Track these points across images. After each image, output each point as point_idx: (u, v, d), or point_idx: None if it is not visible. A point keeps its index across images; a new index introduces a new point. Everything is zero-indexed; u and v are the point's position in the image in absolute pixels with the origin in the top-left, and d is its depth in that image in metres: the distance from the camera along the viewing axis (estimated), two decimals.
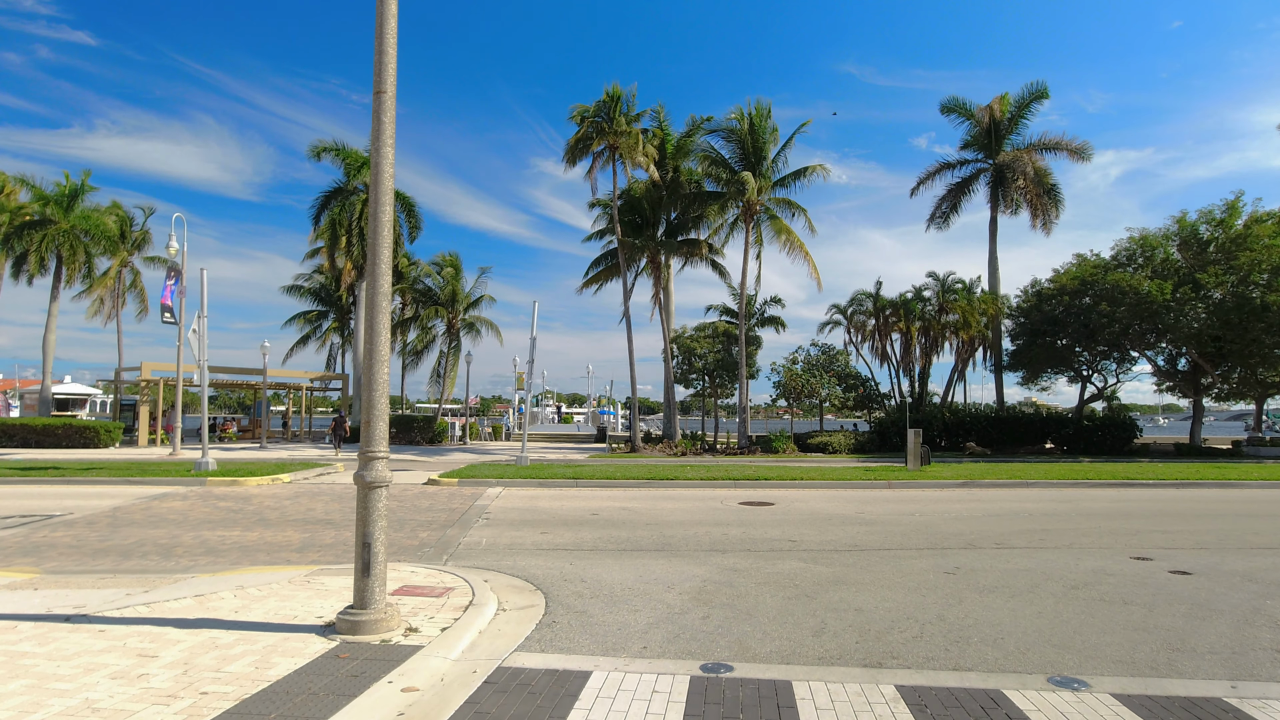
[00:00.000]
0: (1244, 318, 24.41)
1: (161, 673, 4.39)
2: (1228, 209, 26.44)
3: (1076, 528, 10.43)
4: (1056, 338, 29.73)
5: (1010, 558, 8.29)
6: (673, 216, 32.72)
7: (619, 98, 30.43)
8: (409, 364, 44.66)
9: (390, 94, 5.69)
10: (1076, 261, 30.26)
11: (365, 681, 4.33)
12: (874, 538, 9.59)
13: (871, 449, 29.00)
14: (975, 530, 10.18)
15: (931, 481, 15.64)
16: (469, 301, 44.05)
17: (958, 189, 34.42)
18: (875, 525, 10.64)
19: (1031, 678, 4.55)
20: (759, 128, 29.34)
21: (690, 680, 4.50)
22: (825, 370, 31.50)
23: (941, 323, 33.08)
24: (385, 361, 5.62)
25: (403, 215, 36.67)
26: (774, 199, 30.35)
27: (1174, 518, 11.49)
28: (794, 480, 16.12)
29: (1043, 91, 32.16)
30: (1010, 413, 31.12)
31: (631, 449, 29.46)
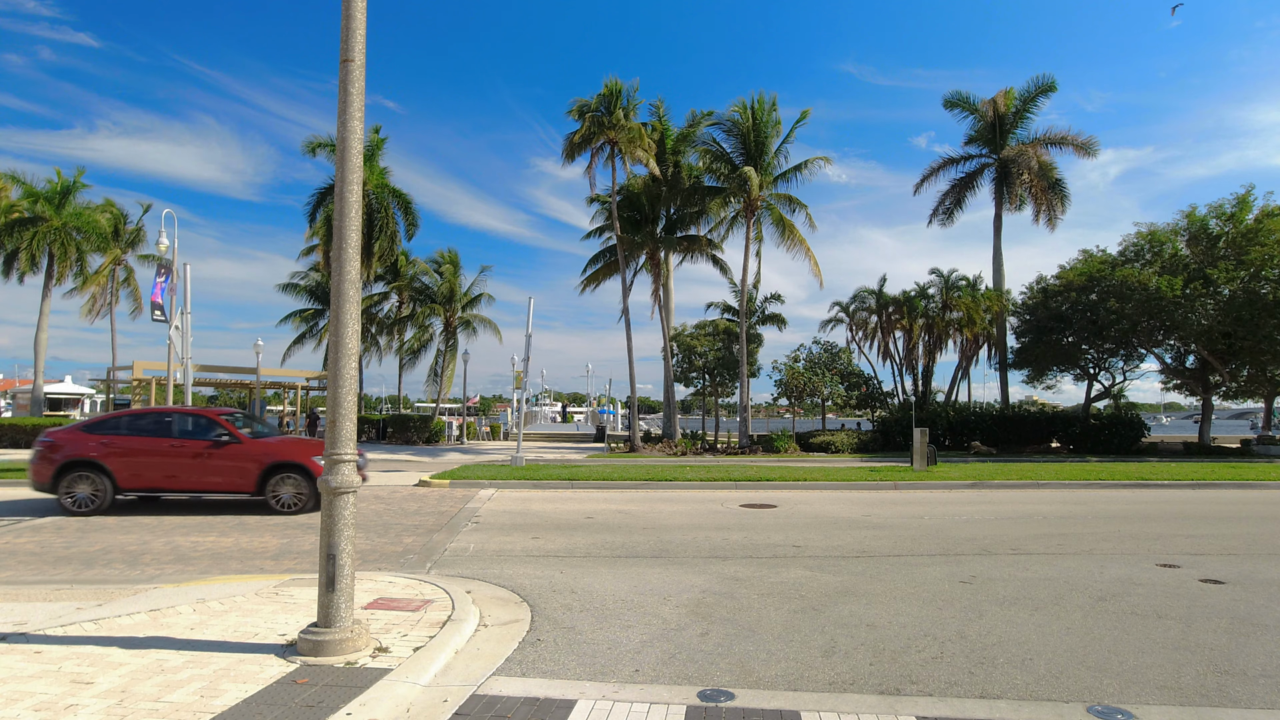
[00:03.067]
0: (1255, 314, 23.89)
1: (92, 703, 3.90)
2: (1238, 203, 25.90)
3: (1095, 531, 9.93)
4: (1063, 335, 29.20)
5: (1029, 565, 7.80)
6: (672, 212, 32.21)
7: (619, 92, 29.91)
8: (406, 363, 44.21)
9: (359, 62, 5.20)
10: (1083, 258, 29.73)
11: (320, 713, 3.84)
12: (883, 543, 9.10)
13: (875, 448, 28.50)
14: (989, 534, 9.69)
15: (939, 482, 15.14)
16: (467, 299, 43.59)
17: (961, 184, 33.88)
18: (883, 529, 10.14)
19: (1069, 707, 4.06)
20: (761, 121, 28.82)
21: (686, 711, 4.01)
22: (827, 368, 30.98)
23: (945, 320, 32.56)
24: (352, 355, 5.13)
25: (399, 213, 36.06)
26: (775, 194, 29.84)
27: (1196, 520, 10.99)
28: (797, 481, 15.63)
29: (1050, 85, 31.60)
30: (1015, 412, 30.58)
31: (630, 449, 28.97)
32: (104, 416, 12.45)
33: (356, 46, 5.18)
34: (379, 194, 34.62)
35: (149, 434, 11.52)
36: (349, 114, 5.13)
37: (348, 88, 5.15)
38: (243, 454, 11.39)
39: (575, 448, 32.46)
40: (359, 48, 5.21)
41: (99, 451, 11.15)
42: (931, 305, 32.83)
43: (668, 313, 32.40)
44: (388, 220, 34.79)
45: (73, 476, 11.05)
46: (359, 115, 5.19)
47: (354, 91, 5.16)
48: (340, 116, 5.16)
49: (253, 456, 11.40)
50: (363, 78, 5.24)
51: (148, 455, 11.27)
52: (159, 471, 11.27)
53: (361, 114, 5.22)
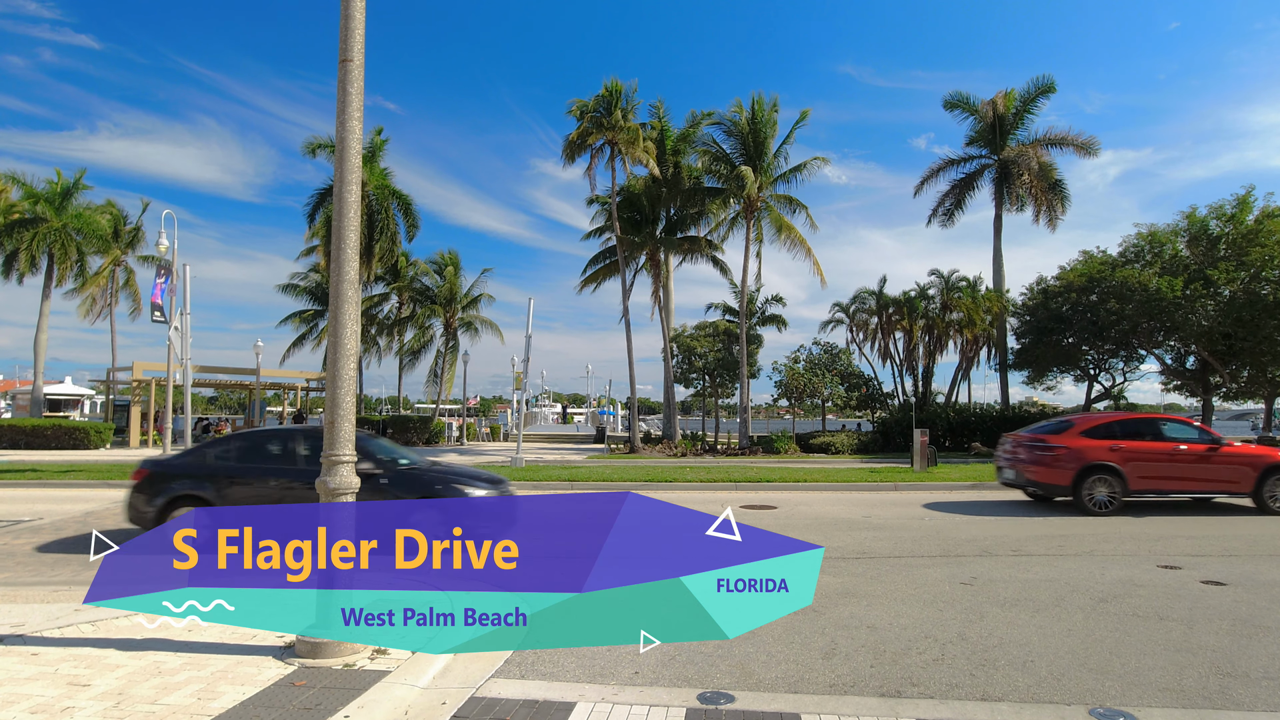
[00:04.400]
0: (1255, 314, 23.87)
1: (89, 705, 3.89)
2: (1238, 204, 25.85)
3: (1095, 533, 9.91)
4: (1063, 336, 29.18)
5: (1030, 566, 7.78)
6: (672, 213, 32.19)
7: (619, 92, 29.90)
8: (406, 364, 44.22)
9: (358, 62, 5.18)
10: (1083, 258, 29.69)
11: (318, 715, 3.83)
12: (883, 544, 9.08)
13: (875, 449, 28.47)
14: (989, 535, 9.67)
15: (939, 483, 15.12)
16: (468, 300, 43.56)
17: (962, 185, 33.85)
18: (883, 530, 10.12)
19: (1071, 710, 4.04)
20: (761, 122, 28.82)
21: (686, 713, 4.00)
22: (827, 369, 30.97)
23: (945, 321, 32.55)
24: (351, 356, 5.12)
25: (400, 214, 35.98)
26: (775, 195, 29.85)
27: (1196, 522, 10.97)
28: (797, 482, 15.60)
29: (1049, 86, 31.55)
30: (1016, 413, 30.53)
31: (630, 450, 28.94)
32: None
33: (355, 46, 5.17)
34: (380, 195, 34.59)
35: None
36: (348, 114, 5.12)
37: (346, 88, 5.13)
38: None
39: (575, 448, 32.44)
40: (358, 48, 5.19)
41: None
42: (931, 306, 32.80)
43: (668, 313, 32.39)
44: (388, 221, 34.75)
45: None
46: (358, 115, 5.17)
47: (353, 92, 5.15)
48: (339, 117, 5.15)
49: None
50: (361, 78, 5.23)
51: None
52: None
53: (360, 114, 5.20)
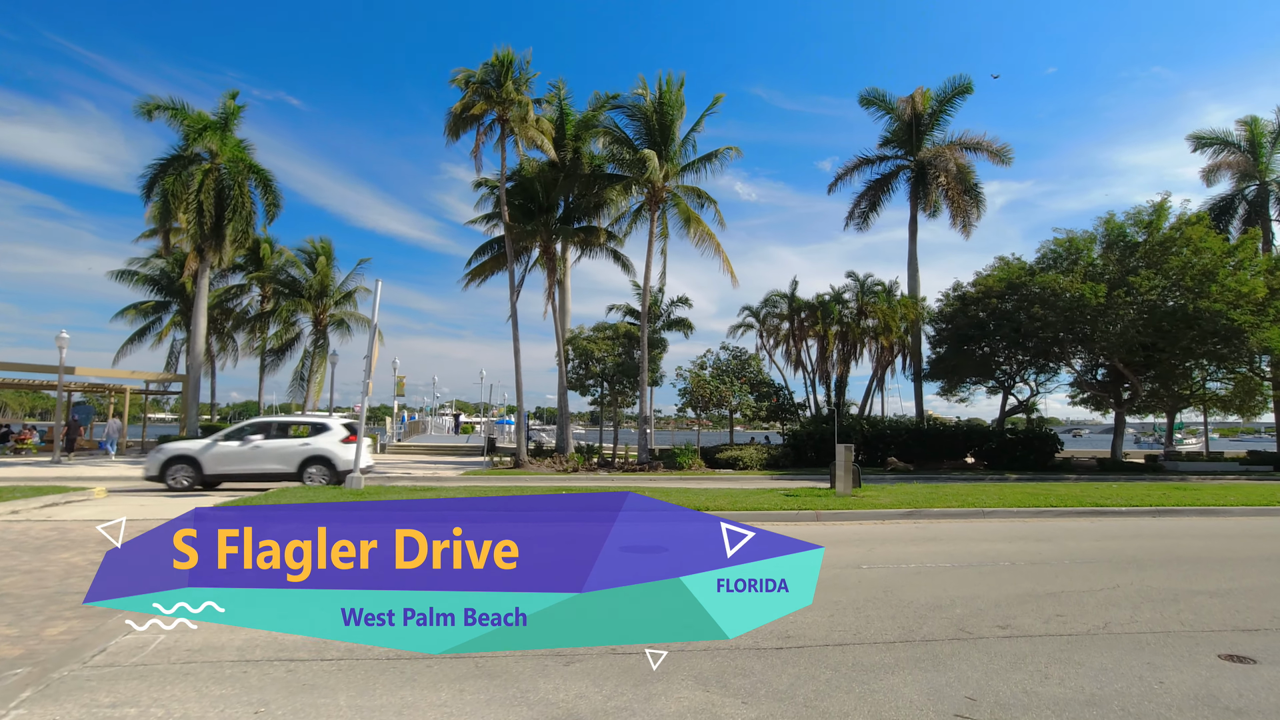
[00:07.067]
0: (1175, 325, 22.89)
1: None
2: (1155, 210, 25.07)
3: (1091, 588, 7.27)
4: (980, 345, 27.78)
5: (1040, 661, 4.93)
6: (570, 200, 29.05)
7: (510, 63, 26.57)
8: (269, 364, 39.06)
9: None
10: (999, 264, 28.50)
11: None
12: (814, 620, 6.08)
13: (786, 464, 26.06)
14: (957, 598, 6.85)
15: (869, 511, 12.43)
16: (341, 295, 38.94)
17: (877, 186, 32.36)
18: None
19: None
20: (668, 103, 26.14)
21: None
22: (736, 377, 28.41)
23: (860, 327, 30.74)
24: None
25: (258, 191, 31.17)
26: (682, 186, 27.24)
27: (1195, 564, 8.58)
28: (696, 510, 12.57)
29: (966, 86, 30.43)
30: (933, 426, 28.93)
31: (515, 464, 25.37)
32: None
33: None
34: (233, 169, 29.97)
35: None
36: None
37: None
38: None
39: (456, 462, 28.54)
40: None
41: None
42: (846, 311, 30.95)
43: (563, 313, 29.14)
44: (243, 200, 30.15)
45: None
46: None
47: None
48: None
49: None
50: None
51: None
52: None
53: None
